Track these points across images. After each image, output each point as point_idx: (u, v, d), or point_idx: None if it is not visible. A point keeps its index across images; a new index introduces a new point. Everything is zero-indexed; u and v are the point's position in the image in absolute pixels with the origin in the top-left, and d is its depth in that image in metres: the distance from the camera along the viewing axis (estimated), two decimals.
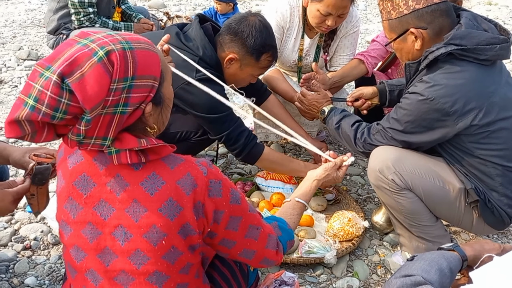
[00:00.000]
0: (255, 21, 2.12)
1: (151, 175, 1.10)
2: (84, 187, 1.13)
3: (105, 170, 1.11)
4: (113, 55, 1.00)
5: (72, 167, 1.16)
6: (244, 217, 1.22)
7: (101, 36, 1.04)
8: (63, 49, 1.01)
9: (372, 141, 1.98)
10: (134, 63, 1.02)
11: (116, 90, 1.00)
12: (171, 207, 1.09)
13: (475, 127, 1.75)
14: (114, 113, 1.02)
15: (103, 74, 0.98)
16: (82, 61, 0.98)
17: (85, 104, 0.96)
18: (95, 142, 1.05)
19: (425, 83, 1.76)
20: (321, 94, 2.35)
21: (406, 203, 1.90)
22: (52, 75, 0.96)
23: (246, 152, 2.19)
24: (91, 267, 1.17)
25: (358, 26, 2.68)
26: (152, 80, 1.06)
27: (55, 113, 0.97)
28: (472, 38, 1.72)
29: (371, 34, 5.39)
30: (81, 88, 0.96)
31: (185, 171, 1.12)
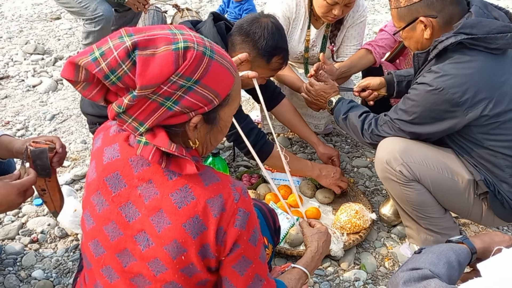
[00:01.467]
0: (267, 22, 2.09)
1: (183, 187, 1.07)
2: (114, 185, 1.12)
3: (139, 173, 1.10)
4: (190, 52, 0.99)
5: (107, 162, 1.14)
6: (254, 263, 1.15)
7: (193, 34, 1.04)
8: (154, 28, 1.03)
9: (379, 132, 1.95)
10: (206, 70, 1.01)
11: (174, 83, 0.99)
12: (196, 224, 1.06)
13: (485, 117, 1.72)
14: (161, 104, 1.00)
15: (170, 62, 0.97)
16: (161, 43, 0.98)
17: (139, 79, 0.96)
18: (131, 123, 1.03)
19: (434, 73, 1.73)
20: (328, 84, 2.32)
21: (414, 195, 1.88)
22: (128, 41, 0.97)
23: (256, 150, 2.16)
24: (109, 264, 1.16)
25: (365, 15, 2.65)
26: (213, 96, 1.04)
27: (110, 74, 0.96)
28: (482, 26, 1.68)
29: (379, 25, 5.33)
30: (144, 64, 0.96)
31: (218, 191, 1.08)
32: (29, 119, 3.19)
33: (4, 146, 1.63)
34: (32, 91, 3.59)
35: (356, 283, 2.02)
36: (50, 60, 4.03)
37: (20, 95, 3.50)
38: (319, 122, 2.87)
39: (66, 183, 2.52)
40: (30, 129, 3.08)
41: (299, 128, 2.53)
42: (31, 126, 3.12)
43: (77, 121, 3.18)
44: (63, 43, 4.45)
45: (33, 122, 3.15)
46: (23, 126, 3.11)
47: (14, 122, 3.15)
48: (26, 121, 3.16)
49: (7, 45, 4.33)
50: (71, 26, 4.75)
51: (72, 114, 3.26)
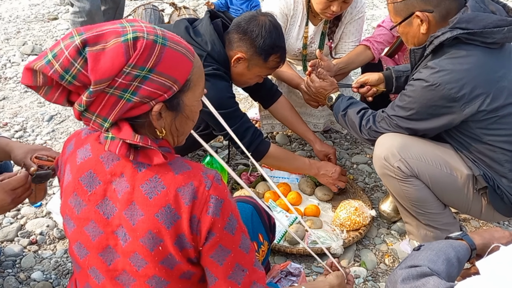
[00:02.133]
0: (265, 21, 2.07)
1: (153, 178, 1.07)
2: (89, 184, 1.12)
3: (111, 169, 1.10)
4: (139, 41, 0.99)
5: (80, 163, 1.14)
6: (233, 252, 1.12)
7: (143, 25, 1.04)
8: (106, 24, 1.03)
9: (377, 129, 1.95)
10: (159, 57, 1.01)
11: (127, 74, 0.99)
12: (168, 214, 1.05)
13: (483, 112, 1.71)
14: (120, 97, 1.01)
15: (120, 54, 0.98)
16: (110, 37, 0.99)
17: (92, 74, 0.96)
18: (95, 120, 1.04)
19: (430, 69, 1.72)
20: (327, 81, 2.31)
21: (413, 190, 1.87)
22: (78, 39, 0.98)
23: (252, 149, 2.15)
24: (93, 265, 1.16)
25: (363, 11, 2.63)
26: (171, 82, 1.04)
27: (64, 74, 0.97)
28: (478, 21, 1.67)
29: (377, 20, 5.30)
30: (95, 59, 0.97)
31: (189, 179, 1.07)
32: (27, 121, 3.18)
33: (1, 149, 1.63)
34: (30, 92, 3.57)
35: (356, 280, 2.01)
36: None
37: (18, 97, 3.49)
38: (318, 121, 2.85)
39: None
40: (28, 131, 3.08)
41: (296, 126, 2.51)
42: (29, 127, 3.11)
43: (75, 122, 3.17)
44: None
45: (31, 124, 3.15)
46: (21, 127, 3.10)
47: (12, 123, 3.14)
48: (24, 123, 3.15)
49: (4, 47, 4.32)
50: (68, 27, 4.73)
51: (70, 115, 3.25)
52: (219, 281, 1.13)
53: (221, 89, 2.08)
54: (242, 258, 1.14)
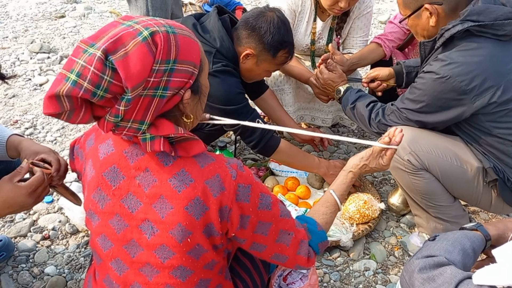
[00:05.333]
0: (273, 17, 2.07)
1: (180, 171, 1.08)
2: (113, 178, 1.13)
3: (135, 164, 1.11)
4: (157, 36, 0.99)
5: (103, 158, 1.15)
6: (274, 222, 1.19)
7: (145, 19, 1.04)
8: (107, 28, 1.01)
9: (386, 122, 1.95)
10: (177, 46, 1.01)
11: (158, 72, 0.99)
12: (197, 206, 1.08)
13: (493, 105, 1.71)
14: (153, 96, 1.01)
15: (146, 54, 0.96)
16: (127, 40, 0.97)
17: (128, 82, 0.95)
18: (131, 126, 1.03)
19: (441, 61, 1.72)
20: (337, 73, 2.31)
21: (423, 183, 1.88)
22: (97, 51, 0.94)
23: (262, 144, 2.16)
24: (118, 257, 1.17)
25: (371, 6, 2.63)
26: (192, 67, 1.05)
27: (96, 90, 0.95)
28: (489, 13, 1.66)
29: (384, 14, 5.30)
30: (125, 66, 0.95)
31: (215, 171, 1.10)
32: (37, 118, 3.21)
33: (14, 147, 1.64)
34: (39, 89, 3.61)
35: (366, 272, 2.02)
36: (56, 59, 4.04)
37: (27, 94, 3.52)
38: (327, 117, 2.86)
39: (75, 179, 2.54)
40: (38, 127, 3.10)
41: (279, 114, 2.54)
42: (39, 124, 3.14)
43: None
44: (68, 41, 4.46)
45: (41, 121, 3.17)
46: (31, 124, 3.13)
47: (22, 121, 3.17)
48: (34, 120, 3.18)
49: (13, 45, 4.35)
50: (75, 24, 4.76)
51: None
52: (268, 247, 1.21)
53: (231, 85, 2.09)
54: (285, 224, 1.22)
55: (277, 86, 2.69)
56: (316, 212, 1.43)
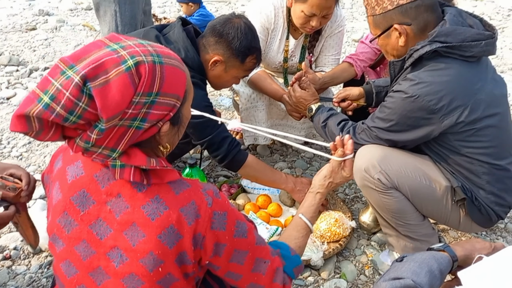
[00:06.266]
0: (240, 23, 2.09)
1: (154, 198, 1.04)
2: (82, 203, 1.08)
3: (107, 189, 1.06)
4: (142, 67, 0.95)
5: (71, 181, 1.10)
6: (251, 251, 1.17)
7: (133, 43, 0.99)
8: (91, 49, 0.95)
9: (357, 140, 1.95)
10: (162, 78, 0.97)
11: (137, 104, 0.95)
12: (171, 234, 1.04)
13: (461, 124, 1.73)
14: (129, 126, 0.97)
15: (128, 85, 0.92)
16: (109, 67, 0.92)
17: (103, 112, 0.90)
18: (102, 152, 0.99)
19: (410, 81, 1.73)
20: (309, 92, 2.32)
21: (393, 202, 1.88)
22: (75, 76, 0.90)
23: (229, 159, 2.14)
24: (82, 283, 1.12)
25: (343, 25, 2.66)
26: (175, 99, 1.02)
27: (69, 116, 0.91)
28: (457, 34, 1.69)
29: (357, 33, 5.38)
30: (103, 95, 0.90)
31: (190, 198, 1.07)
32: (2, 132, 3.11)
33: None
34: (6, 103, 3.51)
35: None
36: (25, 72, 3.95)
37: None
38: (299, 133, 2.86)
39: (40, 197, 2.46)
40: (4, 143, 3.01)
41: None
42: (5, 139, 3.04)
43: None
44: (39, 54, 4.38)
45: (7, 135, 3.08)
46: None
47: None
48: (0, 135, 3.09)
49: None
50: (47, 37, 4.68)
51: None
52: (244, 277, 1.18)
53: (197, 98, 2.06)
54: (261, 252, 1.20)
55: (250, 103, 2.68)
56: (288, 236, 1.41)
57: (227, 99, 3.71)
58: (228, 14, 2.18)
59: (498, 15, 5.91)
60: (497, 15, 5.91)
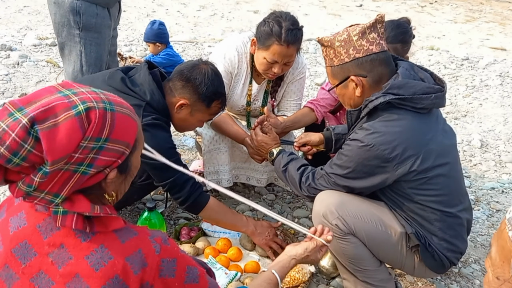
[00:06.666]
0: (207, 69, 2.16)
1: (98, 248, 1.02)
2: (23, 255, 1.04)
3: (49, 239, 1.03)
4: (93, 112, 0.95)
5: (13, 232, 1.07)
6: None
7: (85, 91, 1.00)
8: (42, 94, 0.96)
9: (316, 186, 1.99)
10: (112, 125, 0.98)
11: (85, 148, 0.95)
12: (116, 285, 1.01)
13: (414, 173, 1.80)
14: (74, 171, 0.96)
15: (76, 129, 0.93)
16: (59, 111, 0.93)
17: (48, 155, 0.90)
18: (44, 197, 0.97)
19: (365, 130, 1.80)
20: (271, 136, 2.37)
21: (350, 248, 1.91)
22: (23, 118, 0.90)
23: (190, 201, 2.14)
24: None
25: (304, 72, 2.75)
26: (124, 147, 1.02)
27: (12, 157, 0.90)
28: (409, 87, 1.78)
29: (320, 77, 5.54)
30: (49, 138, 0.90)
31: (137, 247, 1.05)
32: None
33: None
34: None
35: None
36: None
37: None
38: (261, 176, 2.89)
39: None
40: None
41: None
42: None
43: None
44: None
45: None
46: None
47: None
48: None
49: None
50: (8, 72, 4.59)
51: None
52: None
53: (161, 140, 2.08)
54: None
55: (213, 145, 2.70)
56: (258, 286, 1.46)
57: (190, 139, 3.72)
58: (195, 60, 2.24)
59: (452, 64, 6.22)
60: (451, 64, 6.22)
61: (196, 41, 6.37)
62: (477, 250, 2.70)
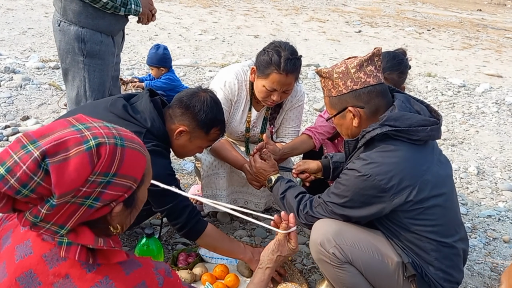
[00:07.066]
0: (206, 97, 2.20)
1: (103, 279, 1.04)
2: (28, 284, 1.05)
3: (55, 269, 1.05)
4: (103, 148, 0.98)
5: (19, 261, 1.08)
6: None
7: (98, 125, 1.03)
8: (55, 127, 0.99)
9: (313, 214, 2.02)
10: (121, 161, 1.01)
11: (92, 183, 0.97)
12: None
13: (410, 203, 1.82)
14: (81, 204, 0.99)
15: (86, 164, 0.95)
16: (70, 145, 0.96)
17: (57, 188, 0.93)
18: (50, 228, 1.00)
19: (362, 160, 1.84)
20: (269, 163, 2.40)
21: (347, 276, 1.92)
22: (35, 151, 0.93)
23: (188, 228, 2.16)
24: None
25: (302, 100, 2.80)
26: (131, 182, 1.04)
27: (21, 189, 0.93)
28: (405, 120, 1.82)
29: (319, 102, 5.60)
30: (59, 172, 0.93)
31: (141, 279, 1.07)
32: None
33: None
34: None
35: None
36: None
37: None
38: (259, 201, 2.91)
39: None
40: None
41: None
42: None
43: None
44: (0, 112, 4.34)
45: None
46: None
47: None
48: None
49: None
50: (10, 95, 4.65)
51: None
52: None
53: (161, 167, 2.10)
54: None
55: (212, 171, 2.73)
56: None
57: (189, 164, 3.75)
58: (195, 88, 2.29)
59: (449, 91, 6.30)
60: (448, 91, 6.30)
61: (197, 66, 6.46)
62: (474, 278, 2.70)
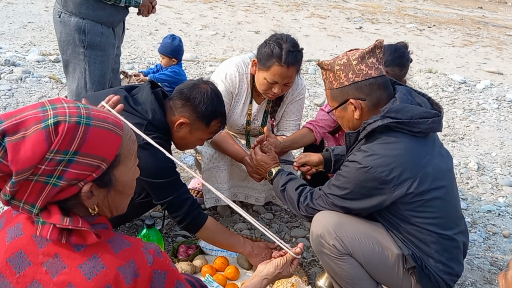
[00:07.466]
0: (207, 88, 2.19)
1: (91, 257, 1.05)
2: (18, 265, 1.07)
3: (44, 249, 1.06)
4: (61, 126, 0.99)
5: (9, 242, 1.09)
6: None
7: (66, 105, 1.03)
8: (26, 108, 1.02)
9: (314, 206, 2.02)
10: (83, 139, 1.01)
11: (51, 160, 0.99)
12: None
13: (411, 195, 1.82)
14: (45, 183, 1.00)
15: (42, 142, 0.97)
16: (29, 124, 0.98)
17: (12, 165, 0.96)
18: (24, 207, 1.03)
19: (363, 152, 1.84)
20: (270, 155, 2.40)
21: (347, 268, 1.92)
22: None
23: (188, 221, 2.16)
24: None
25: (303, 93, 2.80)
26: (99, 161, 1.04)
27: None
28: (406, 112, 1.82)
29: (320, 97, 5.60)
30: (15, 149, 0.96)
31: (130, 257, 1.08)
32: None
33: None
34: None
35: None
36: None
37: None
38: (260, 195, 2.91)
39: None
40: None
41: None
42: None
43: None
44: (0, 104, 4.33)
45: None
46: None
47: None
48: None
49: None
50: (10, 87, 4.64)
51: None
52: None
53: (161, 158, 2.09)
54: None
55: (212, 163, 2.72)
56: None
57: (190, 157, 3.75)
58: (195, 79, 2.28)
59: (449, 87, 6.29)
60: (449, 87, 6.29)
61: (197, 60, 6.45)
62: (473, 272, 2.71)
